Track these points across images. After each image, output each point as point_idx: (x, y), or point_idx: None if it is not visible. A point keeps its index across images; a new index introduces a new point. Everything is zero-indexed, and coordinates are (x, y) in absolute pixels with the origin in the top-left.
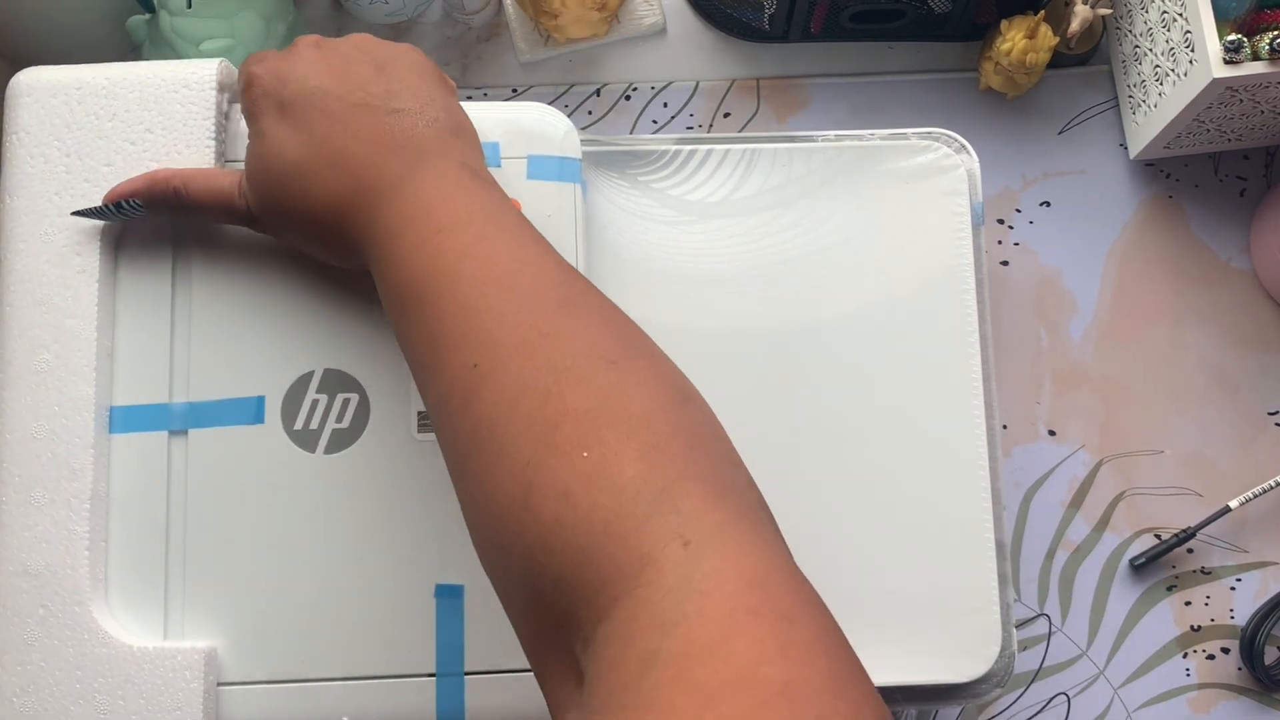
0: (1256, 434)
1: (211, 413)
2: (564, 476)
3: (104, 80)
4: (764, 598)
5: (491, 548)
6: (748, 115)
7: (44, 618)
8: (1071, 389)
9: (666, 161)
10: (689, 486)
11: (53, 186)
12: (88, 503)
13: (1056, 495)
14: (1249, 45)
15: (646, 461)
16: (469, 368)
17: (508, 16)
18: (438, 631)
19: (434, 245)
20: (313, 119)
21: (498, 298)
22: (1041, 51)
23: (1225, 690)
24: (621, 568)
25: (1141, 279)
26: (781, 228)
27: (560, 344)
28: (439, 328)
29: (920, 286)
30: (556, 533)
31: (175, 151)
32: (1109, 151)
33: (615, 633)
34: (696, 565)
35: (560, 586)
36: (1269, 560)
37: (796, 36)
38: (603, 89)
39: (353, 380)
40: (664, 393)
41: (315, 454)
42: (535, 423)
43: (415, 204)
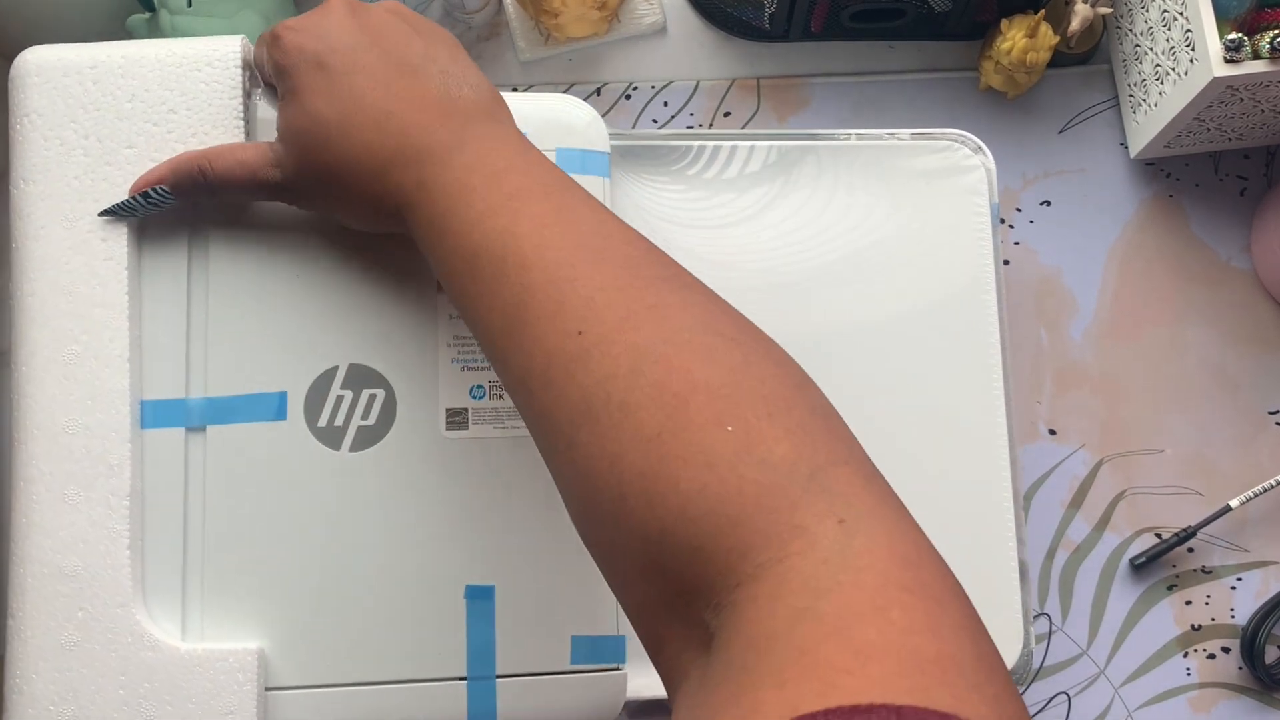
0: (1257, 433)
1: (231, 408)
2: (705, 448)
3: (120, 59)
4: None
5: (605, 519)
6: (748, 114)
7: (83, 621)
8: (1072, 388)
9: (685, 157)
10: (839, 470)
11: (71, 170)
12: (127, 499)
13: (1057, 495)
14: (1249, 44)
15: (793, 442)
16: (571, 335)
17: (508, 15)
18: (468, 634)
19: (510, 211)
20: (353, 77)
21: (591, 267)
22: (1042, 51)
23: (1226, 689)
24: (770, 538)
25: (1142, 278)
26: (806, 225)
27: (671, 315)
28: (526, 296)
29: (945, 287)
30: (697, 501)
31: (202, 131)
32: (1109, 151)
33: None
34: (850, 541)
35: (698, 554)
36: (1269, 559)
37: (797, 36)
38: (603, 88)
39: (379, 375)
40: (789, 374)
41: (340, 452)
42: (663, 393)
43: (480, 169)
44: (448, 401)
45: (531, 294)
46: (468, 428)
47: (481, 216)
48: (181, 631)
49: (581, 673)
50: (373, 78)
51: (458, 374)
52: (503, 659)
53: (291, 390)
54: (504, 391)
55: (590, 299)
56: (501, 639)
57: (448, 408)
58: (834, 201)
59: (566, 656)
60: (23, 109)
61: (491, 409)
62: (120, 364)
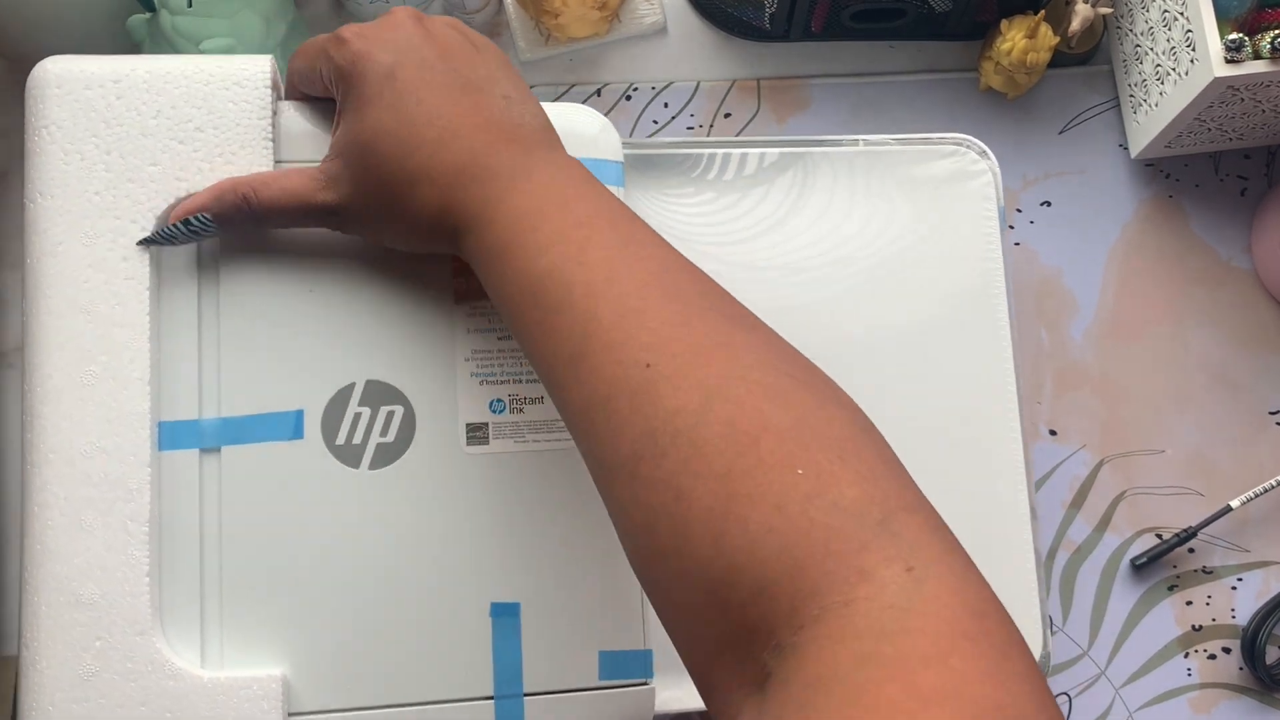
0: (1257, 433)
1: (246, 428)
2: (776, 489)
3: (145, 73)
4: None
5: (666, 553)
6: (748, 116)
7: (101, 650)
8: (1072, 389)
9: (696, 167)
10: (908, 517)
11: (92, 186)
12: (146, 525)
13: (1057, 495)
14: (1250, 44)
15: (864, 487)
16: (639, 366)
17: (508, 16)
18: (494, 652)
19: (579, 240)
20: (422, 92)
21: (661, 301)
22: (1042, 51)
23: (1226, 690)
24: (837, 581)
25: (1142, 279)
26: (817, 234)
27: (740, 354)
28: (593, 326)
29: (957, 292)
30: (765, 542)
31: (230, 152)
32: (1109, 151)
33: (825, 635)
34: (919, 588)
35: (762, 595)
36: (1270, 560)
37: (797, 35)
38: (603, 89)
39: (397, 392)
40: (856, 419)
41: (359, 470)
42: (732, 431)
43: (548, 195)
44: (468, 416)
45: (599, 323)
46: (489, 443)
47: (550, 242)
48: (201, 659)
49: (610, 688)
50: (440, 94)
51: (477, 388)
52: (530, 677)
53: (308, 408)
54: (524, 405)
55: (660, 332)
56: (528, 656)
57: (468, 423)
58: (844, 209)
59: (594, 672)
60: (41, 120)
61: (512, 423)
62: (140, 386)
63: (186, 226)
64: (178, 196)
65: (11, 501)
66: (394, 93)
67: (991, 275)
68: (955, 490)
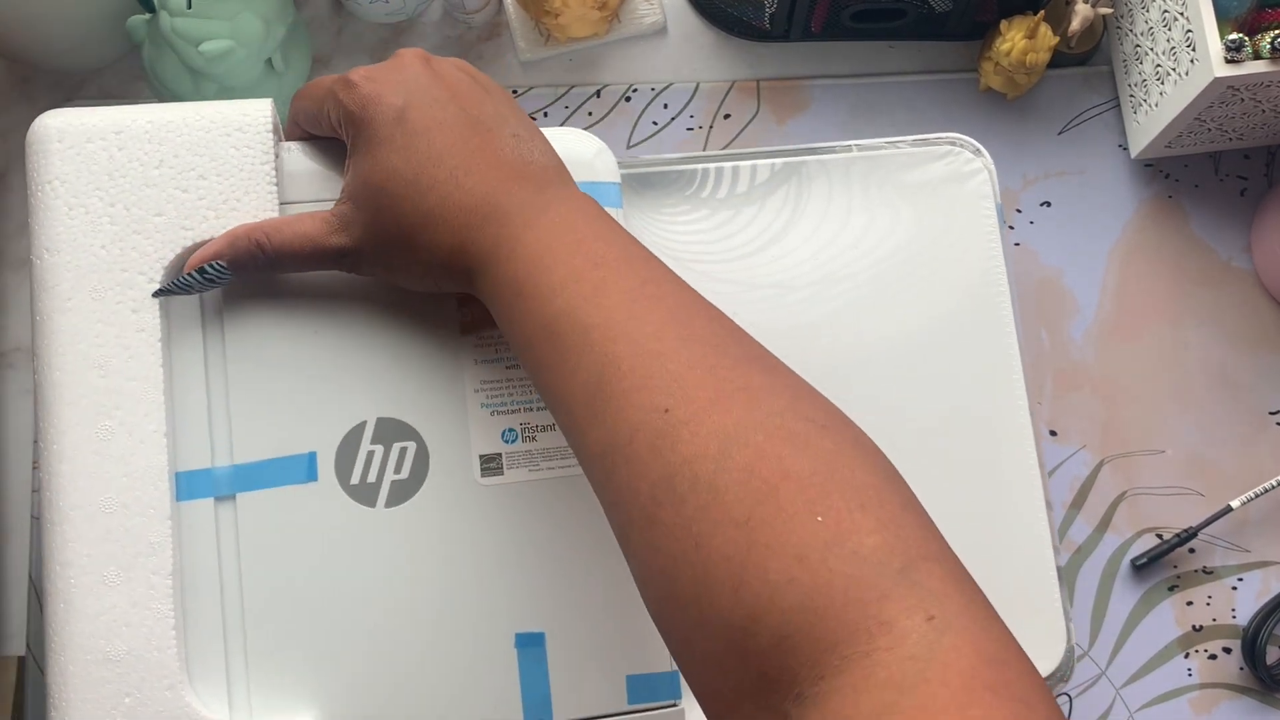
0: (1258, 433)
1: (260, 474)
2: (797, 539)
3: (146, 123)
4: (1002, 679)
5: (685, 601)
6: (748, 117)
7: (131, 707)
8: (1072, 389)
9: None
10: (930, 566)
11: (98, 240)
12: (170, 578)
13: (1058, 495)
14: (1250, 44)
15: (885, 535)
16: (659, 411)
17: (508, 16)
18: (522, 682)
19: (595, 280)
20: (433, 131)
21: (679, 344)
22: (1041, 51)
23: (1227, 690)
24: (858, 632)
25: (1142, 279)
26: (816, 243)
27: (761, 399)
28: (609, 368)
29: (960, 292)
30: (786, 592)
31: (234, 198)
32: (1109, 151)
33: (847, 686)
34: (940, 639)
35: (784, 645)
36: (1270, 560)
37: (797, 35)
38: (603, 90)
39: (408, 428)
40: (879, 465)
41: (376, 509)
42: (753, 478)
43: (563, 235)
44: (480, 448)
45: (617, 366)
46: (503, 473)
47: (565, 282)
48: (229, 708)
49: (639, 712)
50: (451, 134)
51: (488, 419)
52: (559, 705)
53: (321, 450)
54: (536, 433)
55: (679, 376)
56: (556, 685)
57: (481, 454)
58: (841, 219)
59: (624, 697)
60: (44, 175)
61: (525, 452)
62: (157, 439)
63: (202, 275)
64: (185, 246)
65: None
66: (404, 134)
67: (993, 272)
68: (971, 493)
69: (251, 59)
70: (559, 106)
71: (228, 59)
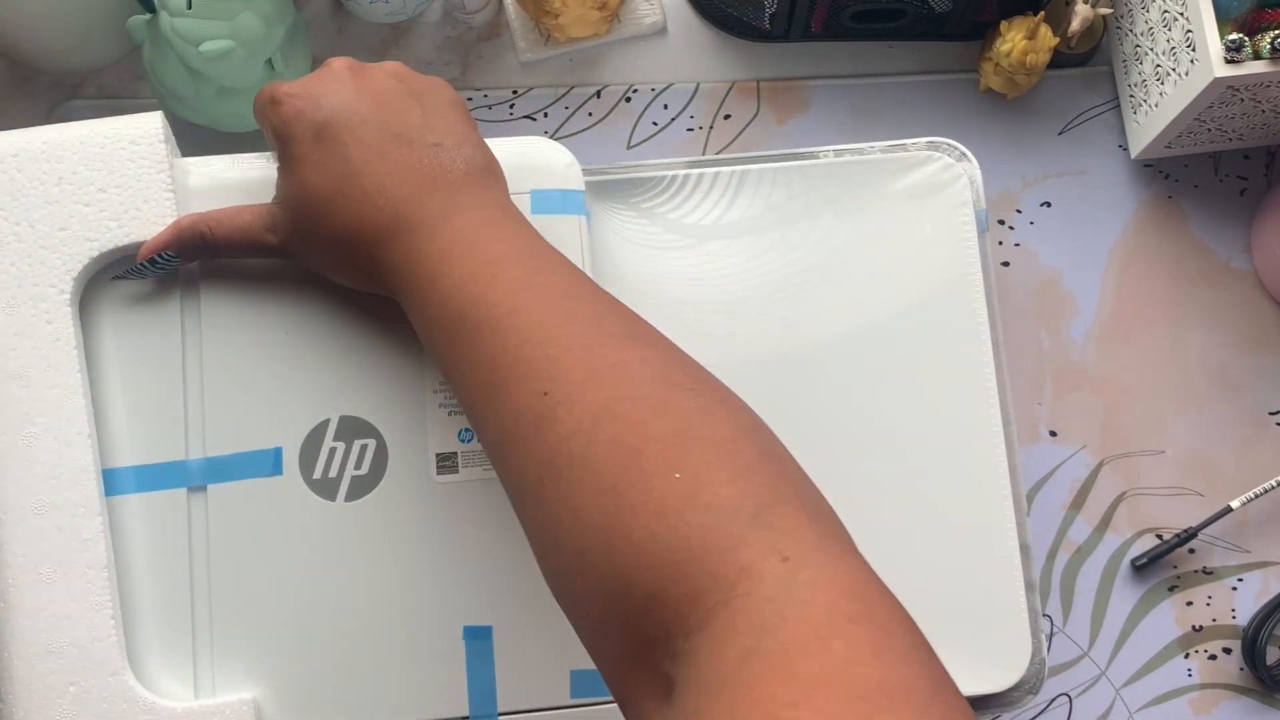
0: (1257, 434)
1: (230, 467)
2: (656, 496)
3: (41, 144)
4: (860, 609)
5: (571, 572)
6: (748, 117)
7: (76, 695)
8: (1072, 390)
9: (667, 187)
10: (783, 509)
11: (7, 257)
12: (105, 570)
13: (1058, 496)
14: (1250, 44)
15: (739, 484)
16: (539, 395)
17: (508, 16)
18: (468, 674)
19: (487, 278)
20: (350, 147)
21: (560, 329)
22: (1041, 52)
23: (1227, 690)
24: (718, 580)
25: (1142, 279)
26: (788, 247)
27: (632, 371)
28: (499, 358)
29: (930, 299)
30: (649, 550)
31: (134, 207)
32: (1109, 152)
33: (712, 637)
34: (794, 577)
35: (653, 602)
36: (1270, 560)
37: (797, 36)
38: (603, 90)
39: (369, 426)
40: (741, 420)
41: (336, 502)
42: (619, 446)
43: (461, 239)
44: (437, 447)
45: (504, 356)
46: (458, 471)
47: (461, 283)
48: (195, 691)
49: (582, 706)
50: (368, 150)
51: (445, 419)
52: (504, 697)
53: (286, 445)
54: None
55: (556, 359)
56: (501, 677)
57: (437, 453)
58: (818, 222)
59: (567, 691)
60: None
61: (479, 451)
62: (81, 440)
63: (153, 264)
64: (91, 257)
65: None
66: (323, 151)
67: (968, 279)
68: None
69: (252, 59)
70: (559, 107)
71: (228, 59)
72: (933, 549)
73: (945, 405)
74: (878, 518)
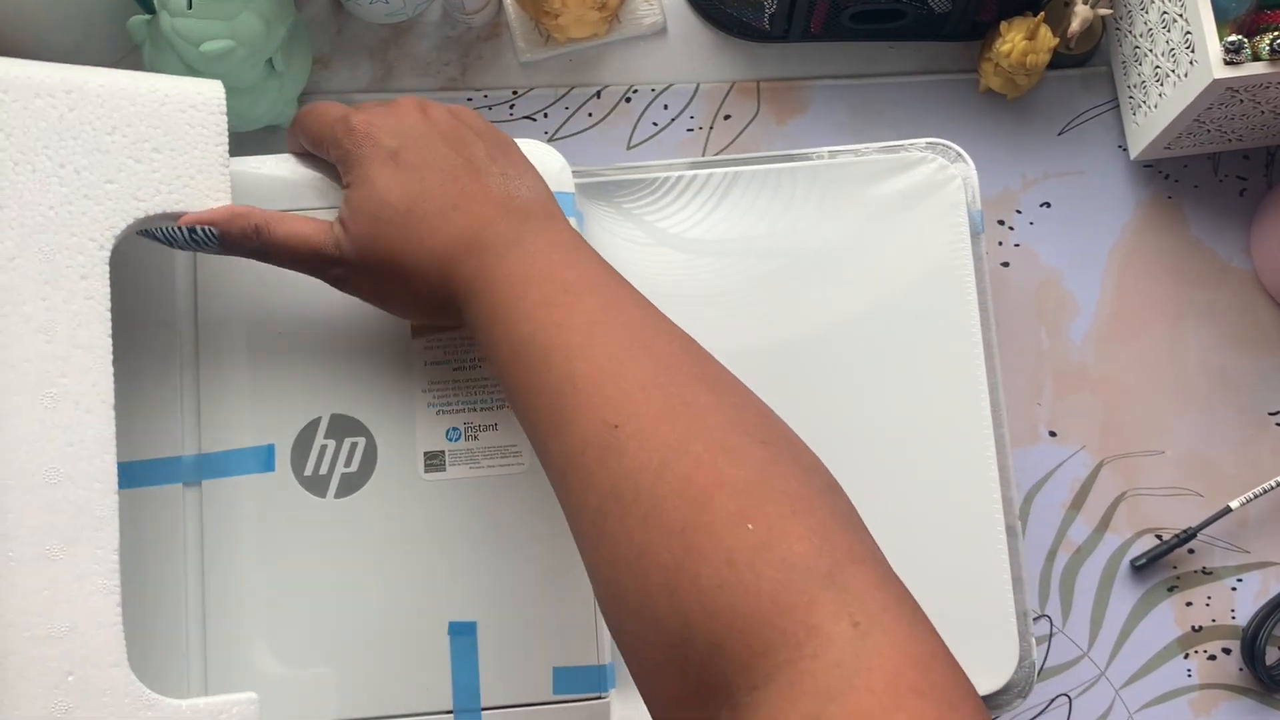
0: (1257, 434)
1: (224, 463)
2: (727, 544)
3: (98, 87)
4: (928, 681)
5: (630, 610)
6: (748, 117)
7: (74, 685)
8: (1072, 390)
9: (659, 187)
10: (856, 569)
11: (47, 200)
12: (115, 553)
13: (1057, 496)
14: (1249, 46)
15: (814, 540)
16: (608, 427)
17: (508, 16)
18: (453, 668)
19: (562, 305)
20: (424, 170)
21: (634, 363)
22: (1041, 53)
23: (1227, 691)
24: (786, 637)
25: (1142, 280)
26: (781, 248)
27: (705, 415)
28: (569, 385)
29: (922, 300)
30: (716, 598)
31: (186, 175)
32: (1109, 152)
33: (777, 695)
34: (864, 643)
35: (716, 651)
36: (1270, 560)
37: (796, 36)
38: (603, 91)
39: (359, 424)
40: (814, 475)
41: (326, 499)
42: (689, 487)
43: (535, 264)
44: (425, 445)
45: (575, 384)
46: (445, 469)
47: (535, 308)
48: (186, 685)
49: (564, 702)
50: (441, 173)
51: (434, 418)
52: (487, 692)
53: (278, 442)
54: (479, 432)
55: (629, 393)
56: (485, 672)
57: (425, 451)
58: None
59: (549, 687)
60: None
61: (467, 450)
62: (104, 410)
63: (190, 234)
64: (136, 218)
65: None
66: (397, 172)
67: (960, 281)
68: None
69: (252, 59)
70: (559, 107)
71: (228, 59)
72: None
73: (935, 406)
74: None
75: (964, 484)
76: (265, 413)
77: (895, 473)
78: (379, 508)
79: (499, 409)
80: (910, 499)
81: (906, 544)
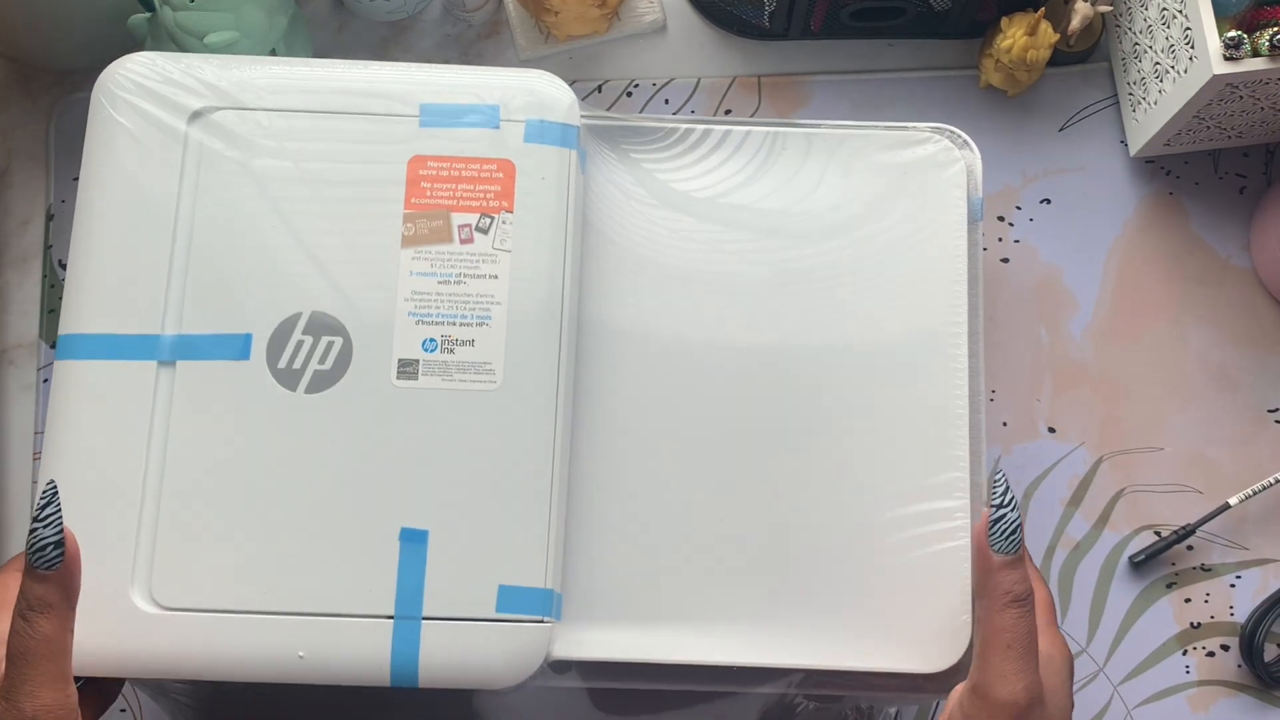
0: (1256, 431)
1: (200, 346)
2: None
3: None
4: None
5: None
6: (749, 112)
7: None
8: (1072, 386)
9: (664, 140)
10: None
11: None
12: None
13: (1056, 493)
14: (1249, 41)
15: None
16: None
17: (508, 14)
18: (399, 574)
19: None
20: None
21: None
22: (1041, 49)
23: (1225, 687)
24: None
25: (1142, 276)
26: (779, 213)
27: None
28: None
29: (911, 275)
30: None
31: None
32: (1109, 149)
33: None
34: None
35: None
36: (1268, 557)
37: (797, 34)
38: (604, 85)
39: (338, 324)
40: None
41: (296, 392)
42: None
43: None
44: (400, 352)
45: None
46: (417, 379)
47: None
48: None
49: (506, 621)
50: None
51: (412, 327)
52: (430, 602)
53: (256, 332)
54: (455, 346)
55: None
56: (430, 583)
57: (400, 358)
58: (810, 188)
59: (493, 604)
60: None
61: (441, 362)
62: None
63: None
64: None
65: (12, 495)
66: None
67: (952, 261)
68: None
69: (255, 50)
70: None
71: (232, 51)
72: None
73: (911, 385)
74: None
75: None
76: (248, 302)
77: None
78: (347, 407)
79: (478, 326)
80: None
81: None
